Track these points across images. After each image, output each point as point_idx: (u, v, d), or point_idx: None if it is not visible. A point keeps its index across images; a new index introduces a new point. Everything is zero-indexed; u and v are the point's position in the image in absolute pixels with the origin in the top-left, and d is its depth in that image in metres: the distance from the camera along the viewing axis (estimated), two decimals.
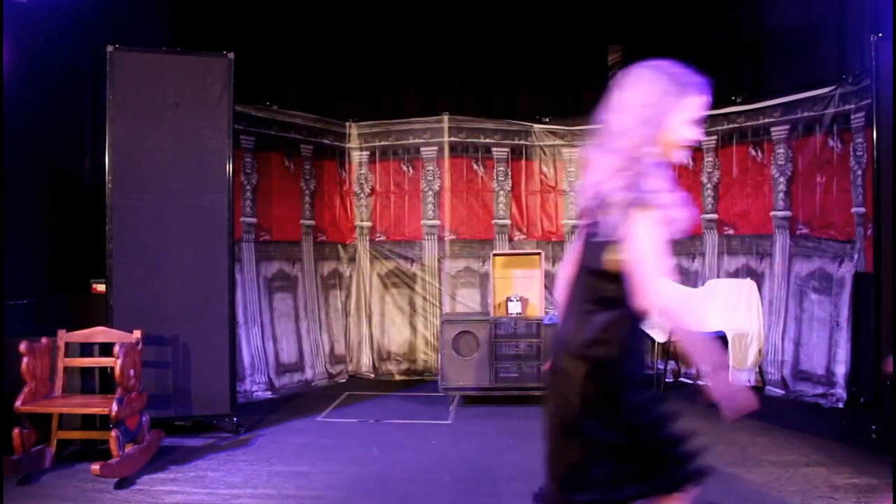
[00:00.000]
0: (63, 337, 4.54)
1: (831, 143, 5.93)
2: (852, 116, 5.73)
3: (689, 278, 7.00)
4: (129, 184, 4.96)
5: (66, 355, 4.55)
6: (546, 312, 5.93)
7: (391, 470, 4.37)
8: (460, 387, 5.87)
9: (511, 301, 6.03)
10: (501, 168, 7.39)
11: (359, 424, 5.48)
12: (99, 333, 4.62)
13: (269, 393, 6.38)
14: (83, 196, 5.75)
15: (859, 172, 5.66)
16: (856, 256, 5.68)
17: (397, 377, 7.21)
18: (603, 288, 2.25)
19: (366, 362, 7.36)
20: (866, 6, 5.81)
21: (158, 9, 6.13)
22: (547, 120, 7.52)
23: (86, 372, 4.86)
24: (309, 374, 6.87)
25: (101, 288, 5.09)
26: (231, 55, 5.17)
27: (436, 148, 7.27)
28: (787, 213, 6.27)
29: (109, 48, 4.94)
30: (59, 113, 5.54)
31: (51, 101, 5.39)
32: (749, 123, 6.57)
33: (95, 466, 3.94)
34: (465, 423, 5.45)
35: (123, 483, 4.08)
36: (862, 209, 5.61)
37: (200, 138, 5.09)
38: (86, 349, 4.76)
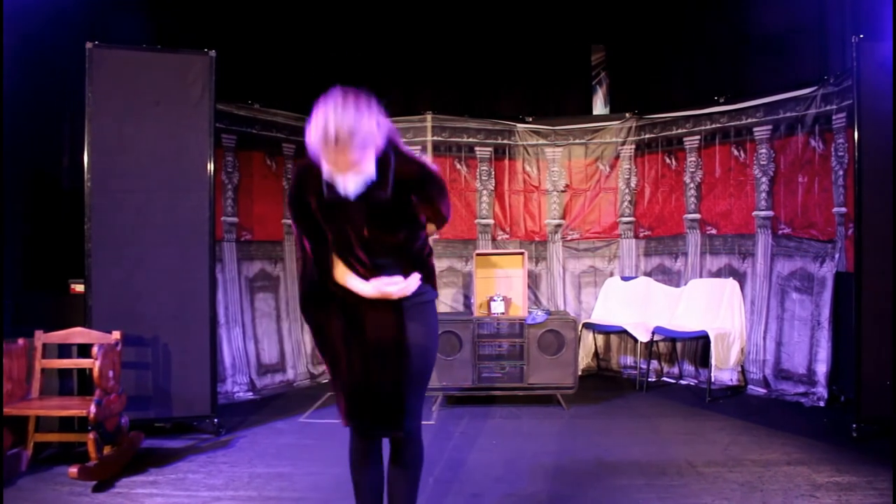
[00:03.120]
0: (40, 338, 4.48)
1: (813, 143, 5.97)
2: (834, 117, 5.77)
3: (671, 278, 7.02)
4: (109, 182, 4.90)
5: (44, 356, 4.50)
6: (529, 312, 5.92)
7: None
8: (443, 387, 5.85)
9: (494, 301, 6.01)
10: (484, 167, 7.37)
11: (341, 425, 5.42)
12: (77, 334, 4.56)
13: (251, 394, 6.33)
14: (62, 195, 5.68)
15: (841, 173, 5.69)
16: (837, 256, 5.71)
17: None
18: None
19: None
20: (847, 8, 5.86)
21: (139, 6, 6.07)
22: (530, 119, 7.52)
23: (63, 373, 4.81)
24: (291, 374, 6.83)
25: (79, 288, 5.04)
26: (212, 53, 5.12)
27: (419, 147, 7.23)
28: (770, 213, 6.30)
29: (89, 45, 4.88)
30: (37, 111, 5.47)
31: (29, 99, 5.32)
32: (732, 123, 6.60)
33: (73, 469, 3.89)
34: (447, 424, 5.42)
35: (102, 486, 4.03)
36: (843, 209, 5.64)
37: (181, 137, 5.04)
38: (64, 350, 4.71)
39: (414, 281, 2.76)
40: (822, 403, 5.69)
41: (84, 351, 4.65)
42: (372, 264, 2.76)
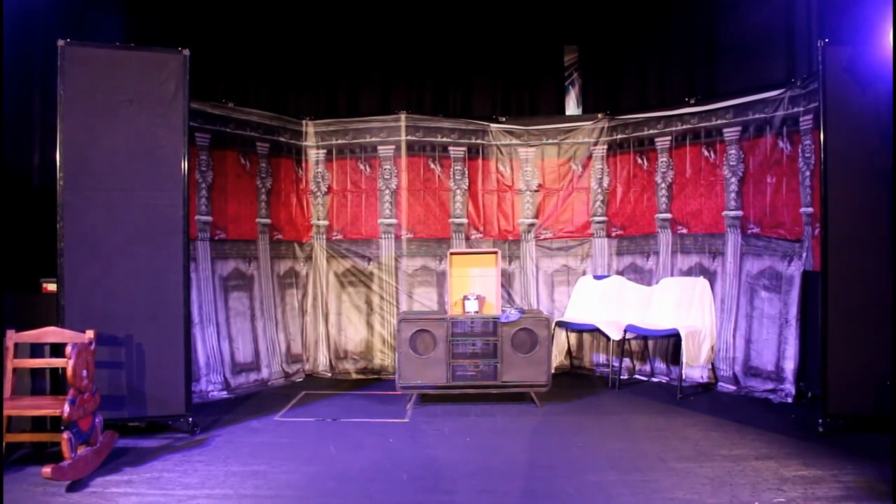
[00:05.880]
0: (12, 337, 4.45)
1: (781, 144, 6.07)
2: (801, 119, 5.88)
3: (643, 277, 7.11)
4: (81, 181, 4.87)
5: (16, 356, 4.46)
6: (503, 311, 5.96)
7: (349, 469, 4.36)
8: (417, 385, 5.88)
9: (468, 299, 6.04)
10: (458, 167, 7.41)
11: (316, 423, 5.46)
12: (50, 334, 4.53)
13: (225, 393, 6.31)
14: (33, 193, 5.62)
15: (807, 173, 5.80)
16: (804, 255, 5.82)
17: (354, 376, 7.19)
18: None
19: (322, 361, 7.32)
20: (813, 12, 5.97)
21: (112, 3, 6.02)
22: (504, 119, 7.57)
23: (36, 373, 4.77)
24: (265, 373, 6.81)
25: (52, 287, 4.99)
26: (186, 51, 5.10)
27: (393, 147, 7.26)
28: (739, 213, 6.41)
29: (61, 42, 4.84)
30: (7, 108, 5.40)
31: None
32: (702, 124, 6.69)
33: (46, 469, 3.87)
34: (422, 422, 5.45)
35: (76, 486, 4.01)
36: (810, 209, 5.76)
37: (154, 135, 5.02)
38: (36, 350, 4.67)
39: None
40: (789, 400, 5.80)
41: (57, 350, 4.62)
42: None
